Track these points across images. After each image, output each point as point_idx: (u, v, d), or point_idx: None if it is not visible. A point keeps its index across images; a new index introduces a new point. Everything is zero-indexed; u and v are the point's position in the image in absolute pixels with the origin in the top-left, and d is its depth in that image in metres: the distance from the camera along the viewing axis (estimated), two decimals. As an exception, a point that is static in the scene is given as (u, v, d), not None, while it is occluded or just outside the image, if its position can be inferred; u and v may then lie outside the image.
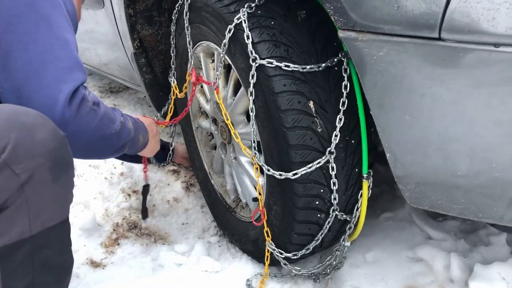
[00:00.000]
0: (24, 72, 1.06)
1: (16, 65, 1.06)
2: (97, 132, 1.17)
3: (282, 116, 1.19)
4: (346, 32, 1.02)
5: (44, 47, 1.08)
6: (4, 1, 1.06)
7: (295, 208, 1.28)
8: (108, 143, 1.23)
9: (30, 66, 1.06)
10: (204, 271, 1.61)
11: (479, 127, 0.95)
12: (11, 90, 1.07)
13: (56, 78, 1.08)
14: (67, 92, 1.08)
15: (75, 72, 1.12)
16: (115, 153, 1.30)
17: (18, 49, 1.06)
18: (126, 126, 1.28)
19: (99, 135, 1.18)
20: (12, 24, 1.05)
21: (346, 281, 1.51)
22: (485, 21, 0.84)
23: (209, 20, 1.38)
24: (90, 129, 1.15)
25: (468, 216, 1.12)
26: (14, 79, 1.06)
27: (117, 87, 3.16)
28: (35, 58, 1.07)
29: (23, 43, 1.06)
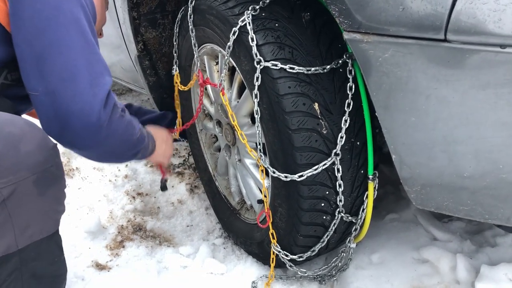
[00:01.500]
0: (59, 77, 1.06)
1: (51, 70, 1.06)
2: (123, 137, 1.20)
3: (287, 118, 1.19)
4: (351, 34, 1.02)
5: (76, 52, 1.08)
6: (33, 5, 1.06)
7: (301, 210, 1.28)
8: (129, 148, 1.27)
9: (65, 71, 1.07)
10: (209, 273, 1.61)
11: (485, 128, 0.95)
12: (46, 93, 1.07)
13: (90, 83, 1.09)
14: (102, 97, 1.10)
15: (105, 76, 1.14)
16: (131, 158, 1.34)
17: (51, 53, 1.06)
18: (143, 133, 1.33)
19: (124, 140, 1.22)
20: (44, 29, 1.06)
21: (352, 283, 1.50)
22: (491, 22, 0.84)
23: (213, 22, 1.38)
24: (118, 134, 1.18)
25: (474, 217, 1.11)
26: (49, 83, 1.06)
27: (121, 89, 3.17)
28: (69, 63, 1.07)
29: (56, 47, 1.06)
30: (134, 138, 1.26)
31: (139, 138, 1.29)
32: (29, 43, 1.06)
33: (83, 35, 1.10)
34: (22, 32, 1.06)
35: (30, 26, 1.05)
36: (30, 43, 1.06)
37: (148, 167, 2.25)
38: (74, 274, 1.61)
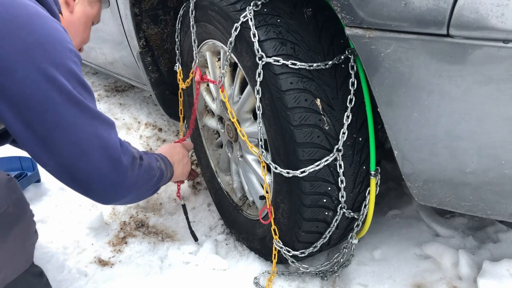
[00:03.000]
0: (70, 154, 1.06)
1: (60, 150, 1.06)
2: (145, 183, 1.26)
3: (289, 114, 1.19)
4: (353, 30, 1.01)
5: (80, 126, 1.07)
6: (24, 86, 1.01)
7: (303, 206, 1.28)
8: (152, 188, 1.33)
9: (74, 149, 1.06)
10: (211, 269, 1.61)
11: (487, 124, 0.95)
12: (60, 167, 1.07)
13: (102, 148, 1.09)
14: (117, 156, 1.12)
15: (111, 132, 1.14)
16: (154, 193, 1.39)
17: (57, 136, 1.05)
18: (162, 169, 1.38)
19: (147, 184, 1.27)
20: (43, 112, 1.03)
21: (354, 279, 1.50)
22: (494, 17, 0.83)
23: (215, 18, 1.38)
24: (141, 182, 1.22)
25: (476, 213, 1.11)
26: (61, 160, 1.06)
27: (123, 86, 3.17)
28: (76, 141, 1.06)
29: (61, 129, 1.05)
30: (155, 179, 1.31)
31: (159, 176, 1.34)
32: (29, 126, 1.03)
33: (80, 106, 1.07)
34: (18, 114, 1.02)
35: (26, 110, 1.02)
36: (30, 126, 1.03)
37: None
38: (77, 270, 1.62)
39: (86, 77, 3.38)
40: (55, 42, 1.04)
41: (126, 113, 2.75)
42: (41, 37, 1.02)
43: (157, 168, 1.33)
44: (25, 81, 0.99)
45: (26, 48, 0.99)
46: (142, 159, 1.24)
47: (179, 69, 1.73)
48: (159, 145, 2.42)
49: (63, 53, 1.05)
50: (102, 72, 2.90)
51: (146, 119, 2.66)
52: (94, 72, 3.46)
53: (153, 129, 2.56)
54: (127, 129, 2.58)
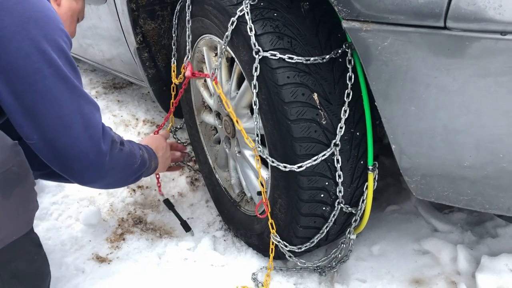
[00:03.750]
0: (53, 128, 1.10)
1: (44, 122, 1.10)
2: (125, 168, 1.29)
3: (286, 109, 1.18)
4: (350, 23, 1.01)
5: (65, 101, 1.11)
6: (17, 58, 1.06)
7: (300, 201, 1.27)
8: (132, 174, 1.35)
9: (58, 122, 1.10)
10: (209, 265, 1.61)
11: (485, 117, 0.94)
12: (42, 141, 1.11)
13: (84, 126, 1.13)
14: (98, 136, 1.16)
15: (96, 114, 1.18)
16: (134, 181, 1.40)
17: (42, 107, 1.09)
18: (144, 157, 1.40)
19: (126, 170, 1.30)
20: (32, 83, 1.07)
21: (352, 274, 1.50)
22: (492, 9, 0.82)
23: (212, 13, 1.37)
24: (120, 166, 1.25)
25: (475, 207, 1.11)
26: (44, 133, 1.10)
27: (121, 82, 3.16)
28: (60, 115, 1.11)
29: (47, 101, 1.09)
30: (135, 166, 1.33)
31: (140, 164, 1.36)
32: (18, 97, 1.07)
33: (68, 82, 1.12)
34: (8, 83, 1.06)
35: (17, 79, 1.06)
36: (19, 96, 1.07)
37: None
38: (74, 266, 1.61)
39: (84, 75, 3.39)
40: (49, 20, 1.10)
41: (124, 110, 2.74)
42: (36, 13, 1.08)
43: (139, 156, 1.35)
44: (19, 52, 1.05)
45: (22, 22, 1.05)
46: (123, 145, 1.27)
47: (173, 64, 1.72)
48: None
49: (55, 31, 1.11)
50: (100, 69, 2.89)
51: (144, 116, 2.65)
52: (92, 69, 3.45)
53: (151, 125, 2.55)
54: (125, 126, 2.58)
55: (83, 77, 3.33)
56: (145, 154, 1.42)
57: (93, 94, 2.98)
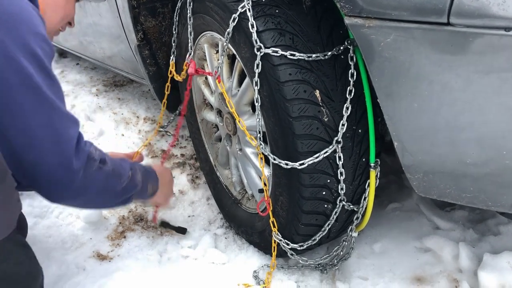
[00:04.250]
0: (19, 140, 1.02)
1: (9, 134, 1.01)
2: (103, 189, 1.18)
3: (288, 106, 1.17)
4: (352, 19, 1.00)
5: (34, 113, 1.02)
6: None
7: (302, 199, 1.27)
8: (115, 197, 1.24)
9: (24, 134, 1.02)
10: (210, 263, 1.61)
11: (488, 114, 0.94)
12: (8, 155, 1.03)
13: (54, 141, 1.04)
14: (69, 153, 1.06)
15: (70, 129, 1.08)
16: (120, 204, 1.31)
17: (8, 117, 1.00)
18: (134, 179, 1.28)
19: (105, 191, 1.19)
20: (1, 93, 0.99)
21: (354, 272, 1.50)
22: (495, 5, 0.82)
23: (213, 9, 1.37)
24: (96, 186, 1.15)
25: (477, 204, 1.10)
26: (10, 147, 1.02)
27: (122, 80, 3.15)
28: (26, 128, 1.02)
29: (13, 111, 1.00)
30: (118, 188, 1.22)
31: (127, 186, 1.24)
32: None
33: (38, 93, 1.02)
34: None
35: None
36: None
37: (149, 157, 2.25)
38: (75, 264, 1.61)
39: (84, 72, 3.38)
40: (20, 22, 1.01)
41: (125, 108, 2.73)
42: (5, 15, 0.99)
43: (127, 177, 1.24)
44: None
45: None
46: (104, 163, 1.16)
47: (172, 61, 1.71)
48: (158, 140, 2.41)
49: (28, 35, 1.01)
50: (101, 66, 2.88)
51: (144, 114, 2.64)
52: (92, 67, 3.45)
53: (152, 123, 2.55)
54: (126, 123, 2.57)
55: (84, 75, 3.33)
56: (137, 175, 1.30)
57: (93, 92, 2.97)
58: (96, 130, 2.42)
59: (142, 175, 1.33)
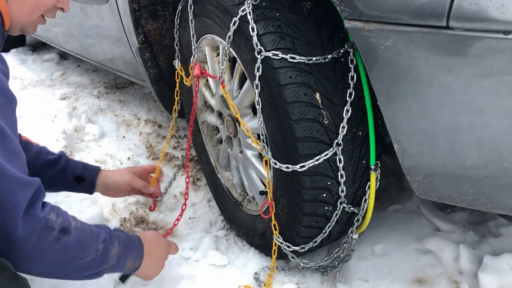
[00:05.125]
0: None
1: None
2: (59, 261, 1.05)
3: (288, 109, 1.18)
4: (352, 22, 1.01)
5: None
6: None
7: (302, 201, 1.27)
8: (75, 271, 1.11)
9: None
10: (211, 264, 1.61)
11: (488, 116, 0.94)
12: None
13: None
14: (11, 222, 0.94)
15: (16, 194, 0.95)
16: (88, 278, 1.16)
17: None
18: (105, 254, 1.14)
19: (61, 264, 1.06)
20: None
21: (354, 274, 1.50)
22: (494, 8, 0.82)
23: (214, 13, 1.37)
24: (49, 258, 1.03)
25: (477, 207, 1.11)
26: None
27: (123, 82, 3.16)
28: None
29: None
30: (81, 262, 1.08)
31: (93, 262, 1.11)
32: None
33: None
34: None
35: None
36: None
37: (150, 159, 2.25)
38: (77, 266, 1.61)
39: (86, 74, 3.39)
40: None
41: (126, 110, 2.74)
42: None
43: (95, 251, 1.10)
44: None
45: None
46: (66, 233, 1.03)
47: (179, 65, 1.72)
48: (159, 142, 2.42)
49: None
50: (102, 69, 2.89)
51: (146, 116, 2.65)
52: (94, 69, 3.46)
53: (153, 125, 2.56)
54: (127, 125, 2.58)
55: (85, 77, 3.34)
56: (112, 249, 1.15)
57: (94, 94, 2.98)
58: (97, 132, 2.43)
59: (120, 249, 1.19)
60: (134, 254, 1.27)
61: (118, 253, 1.18)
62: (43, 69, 3.54)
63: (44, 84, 3.23)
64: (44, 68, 3.56)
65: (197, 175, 2.10)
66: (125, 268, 1.25)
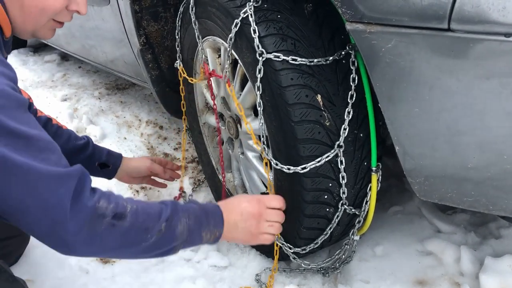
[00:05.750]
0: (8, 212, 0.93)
1: None
2: (120, 246, 1.02)
3: (290, 110, 1.18)
4: (353, 24, 1.01)
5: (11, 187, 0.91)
6: None
7: (304, 202, 1.27)
8: (140, 252, 1.06)
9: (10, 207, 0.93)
10: (212, 266, 1.61)
11: (489, 118, 0.94)
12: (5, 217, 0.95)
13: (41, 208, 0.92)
14: (61, 218, 0.93)
15: (57, 190, 0.94)
16: (158, 256, 1.12)
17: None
18: (170, 232, 1.08)
19: (124, 248, 1.03)
20: None
21: (355, 275, 1.50)
22: (496, 11, 0.83)
23: (215, 14, 1.38)
24: (108, 245, 1.01)
25: (478, 208, 1.11)
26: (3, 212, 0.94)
27: (124, 84, 3.17)
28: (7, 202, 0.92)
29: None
30: (144, 244, 1.04)
31: (158, 241, 1.05)
32: None
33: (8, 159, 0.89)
34: None
35: None
36: None
37: (151, 161, 2.25)
38: (78, 267, 1.62)
39: (87, 76, 3.40)
40: None
41: (127, 111, 2.75)
42: None
43: (157, 231, 1.05)
44: None
45: None
46: (120, 218, 1.00)
47: (180, 66, 1.72)
48: (160, 143, 2.42)
49: None
50: (103, 70, 2.90)
51: (147, 117, 2.66)
52: (95, 70, 3.46)
53: (154, 127, 2.56)
54: (128, 127, 2.58)
55: (86, 78, 3.34)
56: (178, 226, 1.08)
57: (96, 95, 2.99)
58: (98, 133, 2.43)
59: (191, 223, 1.12)
60: (211, 225, 1.16)
61: (188, 228, 1.11)
62: (44, 70, 3.55)
63: (45, 85, 3.24)
64: (45, 69, 3.57)
65: (198, 176, 2.10)
66: (203, 240, 1.16)
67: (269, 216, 1.24)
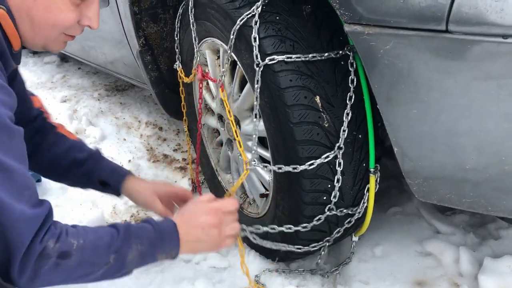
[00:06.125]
0: None
1: None
2: (67, 280, 1.00)
3: (289, 112, 1.18)
4: (352, 26, 1.01)
5: None
6: None
7: (303, 204, 1.28)
8: (88, 281, 1.04)
9: None
10: (212, 267, 1.61)
11: (487, 120, 0.95)
12: None
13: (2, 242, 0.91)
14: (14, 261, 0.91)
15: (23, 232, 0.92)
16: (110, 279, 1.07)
17: None
18: (120, 261, 1.04)
19: (71, 281, 1.01)
20: None
21: (355, 276, 1.50)
22: (493, 13, 0.83)
23: (214, 16, 1.38)
24: (53, 281, 0.98)
25: (477, 209, 1.11)
26: None
27: (123, 85, 3.17)
28: None
29: None
30: (94, 275, 1.02)
31: (109, 270, 1.03)
32: None
33: None
34: None
35: None
36: None
37: (151, 162, 2.26)
38: (78, 269, 1.61)
39: (86, 77, 3.40)
40: None
41: (127, 112, 2.75)
42: None
43: (104, 264, 1.01)
44: None
45: None
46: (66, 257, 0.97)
47: (179, 67, 1.72)
48: (160, 144, 2.42)
49: None
50: (103, 71, 2.90)
51: (146, 118, 2.66)
52: (94, 72, 3.46)
53: (154, 128, 2.56)
54: (128, 128, 2.58)
55: (86, 79, 3.35)
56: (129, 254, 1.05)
57: (95, 96, 2.99)
58: (97, 135, 2.44)
59: (143, 248, 1.08)
60: (166, 247, 1.12)
61: (140, 254, 1.07)
62: (44, 72, 3.55)
63: (45, 87, 3.25)
64: (45, 71, 3.57)
65: (197, 177, 2.10)
66: (158, 260, 1.12)
67: (228, 221, 1.21)
